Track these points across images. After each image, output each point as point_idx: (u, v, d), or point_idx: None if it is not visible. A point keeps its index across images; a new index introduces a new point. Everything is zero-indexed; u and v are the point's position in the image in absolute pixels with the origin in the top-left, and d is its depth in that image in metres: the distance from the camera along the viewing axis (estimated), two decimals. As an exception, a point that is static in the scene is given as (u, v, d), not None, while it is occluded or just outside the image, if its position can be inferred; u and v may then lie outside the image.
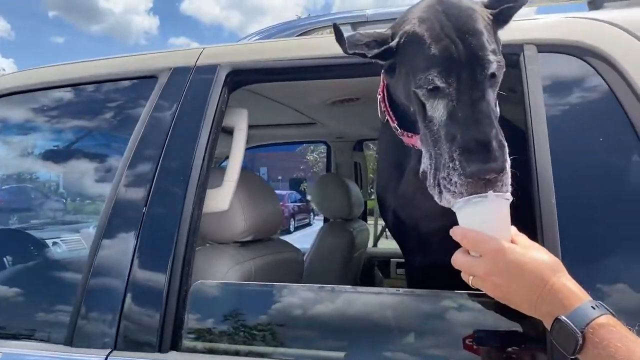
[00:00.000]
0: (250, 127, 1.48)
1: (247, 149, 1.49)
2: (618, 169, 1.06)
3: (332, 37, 1.52)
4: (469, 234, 0.89)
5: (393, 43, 1.02)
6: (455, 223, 0.93)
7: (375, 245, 3.50)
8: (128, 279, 1.21)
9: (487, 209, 0.89)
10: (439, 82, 0.93)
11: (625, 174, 1.05)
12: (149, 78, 1.44)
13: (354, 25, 1.53)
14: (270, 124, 2.65)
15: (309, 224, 16.35)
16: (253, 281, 1.53)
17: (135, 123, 1.38)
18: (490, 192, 0.88)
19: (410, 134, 1.14)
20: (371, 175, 3.50)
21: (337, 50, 1.33)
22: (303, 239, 1.97)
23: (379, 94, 1.21)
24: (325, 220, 3.21)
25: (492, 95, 0.96)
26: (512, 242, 0.88)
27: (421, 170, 1.02)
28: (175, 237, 1.21)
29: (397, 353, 1.09)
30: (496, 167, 0.88)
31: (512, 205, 0.91)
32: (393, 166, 1.39)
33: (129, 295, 1.20)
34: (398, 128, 1.17)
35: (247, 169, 1.63)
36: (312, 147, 16.64)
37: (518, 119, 1.17)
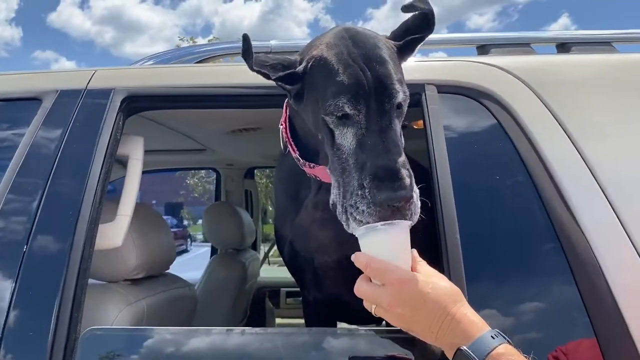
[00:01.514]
0: None
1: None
2: (509, 193, 1.15)
3: (236, 65, 1.50)
4: (373, 263, 0.88)
5: (299, 68, 1.01)
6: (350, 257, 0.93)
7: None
8: (3, 328, 1.05)
9: (389, 236, 0.89)
10: (348, 109, 0.93)
11: (515, 198, 1.14)
12: (31, 100, 1.30)
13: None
14: (155, 150, 2.52)
15: (185, 251, 15.81)
16: (146, 321, 1.42)
17: (14, 150, 1.23)
18: (393, 221, 0.89)
19: (312, 165, 1.14)
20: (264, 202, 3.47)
21: (241, 79, 1.32)
22: (180, 267, 1.87)
23: (282, 124, 1.20)
24: (213, 250, 3.11)
25: (398, 125, 0.97)
26: (413, 269, 0.90)
27: (331, 200, 1.00)
28: (62, 278, 1.08)
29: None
30: (406, 194, 0.88)
31: (417, 233, 0.94)
32: (291, 197, 1.37)
33: (3, 348, 1.04)
34: (300, 159, 1.15)
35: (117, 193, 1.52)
36: (192, 172, 16.20)
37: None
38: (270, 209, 5.36)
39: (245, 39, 0.98)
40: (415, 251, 0.92)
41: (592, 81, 1.27)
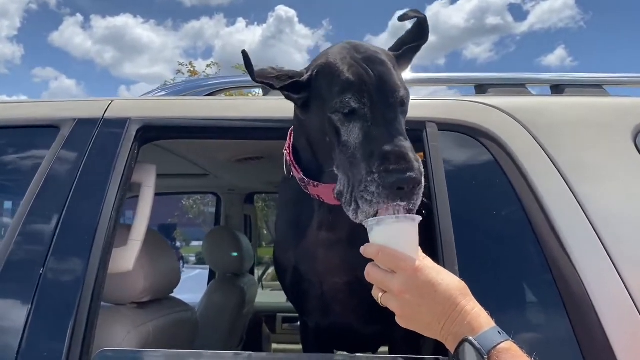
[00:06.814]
0: None
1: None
2: (505, 227, 1.20)
3: (244, 99, 1.57)
4: (386, 250, 0.90)
5: (305, 77, 1.09)
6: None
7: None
8: (19, 348, 1.09)
9: (400, 228, 0.92)
10: (354, 104, 0.99)
11: (510, 231, 1.20)
12: (50, 127, 1.36)
13: (266, 89, 1.58)
14: (159, 174, 2.56)
15: (179, 273, 15.61)
16: (151, 344, 1.46)
17: (32, 175, 1.28)
18: (404, 215, 0.93)
19: (316, 183, 1.19)
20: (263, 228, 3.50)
21: (250, 112, 1.39)
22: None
23: (286, 149, 1.26)
24: (211, 273, 3.13)
25: (403, 122, 1.04)
26: None
27: (336, 189, 1.05)
28: (77, 300, 1.12)
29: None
30: (415, 177, 0.93)
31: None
32: (294, 222, 1.40)
33: (18, 368, 1.08)
34: (305, 179, 1.20)
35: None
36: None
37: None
38: (265, 232, 5.38)
39: (245, 54, 1.05)
40: (419, 249, 0.94)
41: (584, 122, 1.33)
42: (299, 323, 1.81)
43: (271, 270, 4.44)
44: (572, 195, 1.18)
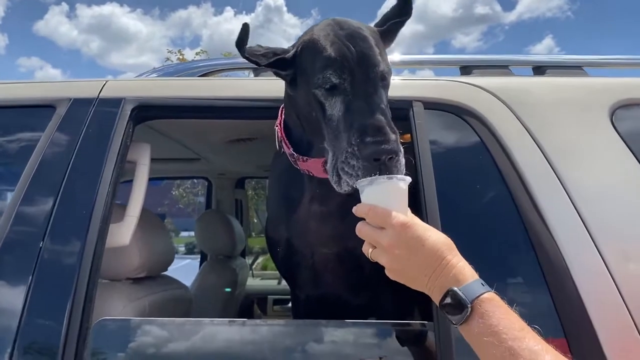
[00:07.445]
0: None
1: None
2: (488, 202, 1.25)
3: (239, 79, 1.60)
4: (376, 208, 0.94)
5: (290, 54, 1.13)
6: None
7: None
8: (21, 317, 1.13)
9: (390, 188, 0.96)
10: (334, 80, 1.04)
11: (493, 206, 1.25)
12: (46, 107, 1.39)
13: (256, 70, 1.61)
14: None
15: (166, 263, 15.51)
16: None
17: (30, 153, 1.31)
18: (393, 175, 0.97)
19: (305, 158, 1.23)
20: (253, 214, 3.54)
21: (243, 92, 1.43)
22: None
23: (277, 126, 1.30)
24: (203, 256, 3.17)
25: (384, 96, 1.08)
26: None
27: (327, 165, 1.09)
28: (76, 274, 1.16)
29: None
30: (390, 148, 0.97)
31: None
32: (286, 196, 1.44)
33: (21, 335, 1.12)
34: (294, 154, 1.24)
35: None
36: (178, 182, 16.06)
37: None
38: (255, 221, 5.41)
39: (245, 28, 1.08)
40: (409, 210, 0.97)
41: (563, 101, 1.37)
42: (289, 304, 1.85)
43: (261, 259, 4.49)
44: (552, 171, 1.23)
